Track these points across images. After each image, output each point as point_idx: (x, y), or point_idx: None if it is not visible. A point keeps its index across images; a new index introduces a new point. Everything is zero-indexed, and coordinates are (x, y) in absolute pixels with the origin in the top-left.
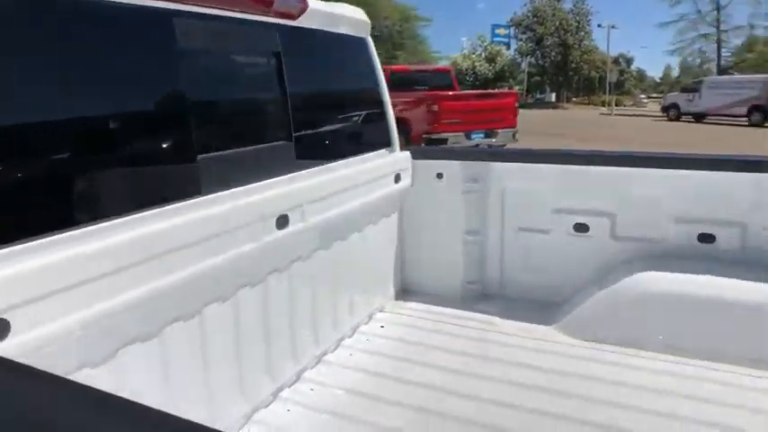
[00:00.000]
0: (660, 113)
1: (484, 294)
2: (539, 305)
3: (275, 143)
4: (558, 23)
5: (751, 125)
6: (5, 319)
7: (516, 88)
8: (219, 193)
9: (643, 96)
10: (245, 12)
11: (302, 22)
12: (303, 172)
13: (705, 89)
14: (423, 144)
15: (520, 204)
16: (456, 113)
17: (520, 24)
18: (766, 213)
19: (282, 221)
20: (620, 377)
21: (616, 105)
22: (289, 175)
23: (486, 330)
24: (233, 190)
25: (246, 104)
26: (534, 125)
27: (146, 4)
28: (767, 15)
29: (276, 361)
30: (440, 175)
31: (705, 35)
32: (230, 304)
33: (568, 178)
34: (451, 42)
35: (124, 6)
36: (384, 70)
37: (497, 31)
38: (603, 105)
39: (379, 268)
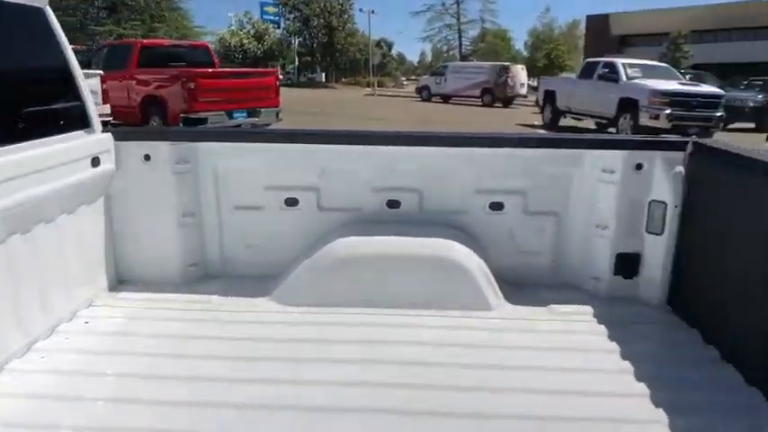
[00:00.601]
0: (416, 94)
1: (206, 276)
2: (258, 280)
3: None
4: (322, 5)
5: (484, 105)
6: None
7: (290, 68)
8: None
9: (404, 78)
10: None
11: None
12: None
13: (449, 73)
14: (180, 124)
15: (233, 183)
16: (215, 92)
17: (287, 4)
18: (434, 180)
19: None
20: (328, 335)
21: (379, 86)
22: None
23: (203, 311)
24: None
25: None
26: (302, 104)
27: None
28: (492, 12)
29: None
30: (147, 157)
31: (449, 25)
32: None
33: (277, 156)
34: (218, 18)
35: None
36: (134, 44)
37: (266, 9)
38: (369, 86)
39: (82, 260)
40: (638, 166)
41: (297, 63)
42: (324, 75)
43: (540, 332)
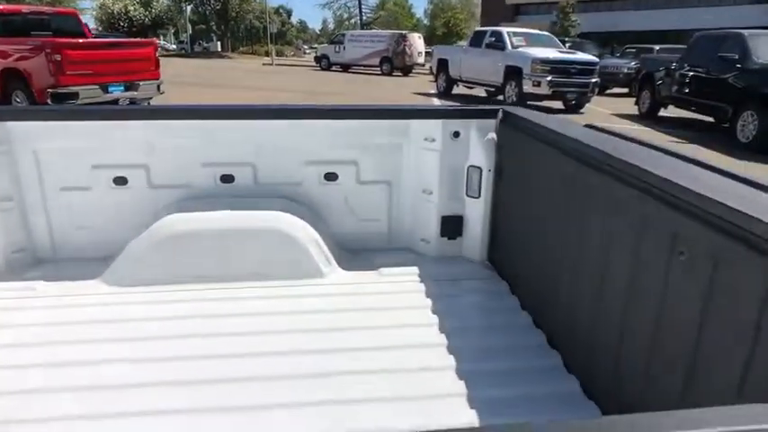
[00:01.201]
0: (315, 63)
1: (36, 262)
2: (91, 262)
3: None
4: None
5: (383, 74)
6: None
7: (183, 36)
8: None
9: (306, 47)
10: None
11: None
12: None
13: (347, 42)
14: (49, 100)
15: (57, 164)
16: (86, 64)
17: None
18: (267, 153)
19: None
20: (159, 313)
21: (278, 55)
22: None
23: (27, 298)
24: None
25: None
26: (193, 76)
27: None
28: None
29: None
30: None
31: None
32: None
33: (102, 134)
34: None
35: None
36: None
37: None
38: (267, 55)
39: None
40: (456, 134)
41: (190, 32)
42: (219, 44)
43: (367, 294)
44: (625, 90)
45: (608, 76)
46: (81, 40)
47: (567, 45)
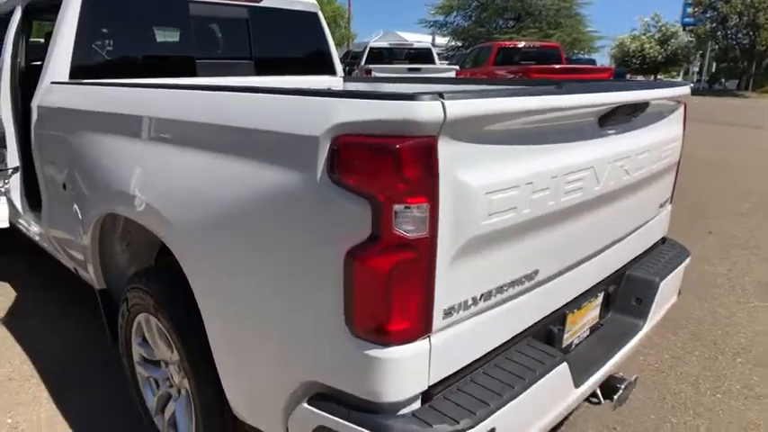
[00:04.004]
0: None
1: None
2: None
3: (239, 65)
4: (749, 0)
5: None
6: None
7: (699, 75)
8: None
9: None
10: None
11: (264, 3)
12: (255, 77)
13: None
14: None
15: None
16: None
17: (701, 3)
18: None
19: None
20: None
21: None
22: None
23: None
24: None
25: (223, 47)
26: None
27: None
28: None
29: None
30: None
31: None
32: None
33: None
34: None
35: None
36: (494, 45)
37: (689, 11)
38: None
39: None
40: None
41: (713, 70)
42: (737, 83)
43: None
44: None
45: None
46: (543, 66)
47: None
